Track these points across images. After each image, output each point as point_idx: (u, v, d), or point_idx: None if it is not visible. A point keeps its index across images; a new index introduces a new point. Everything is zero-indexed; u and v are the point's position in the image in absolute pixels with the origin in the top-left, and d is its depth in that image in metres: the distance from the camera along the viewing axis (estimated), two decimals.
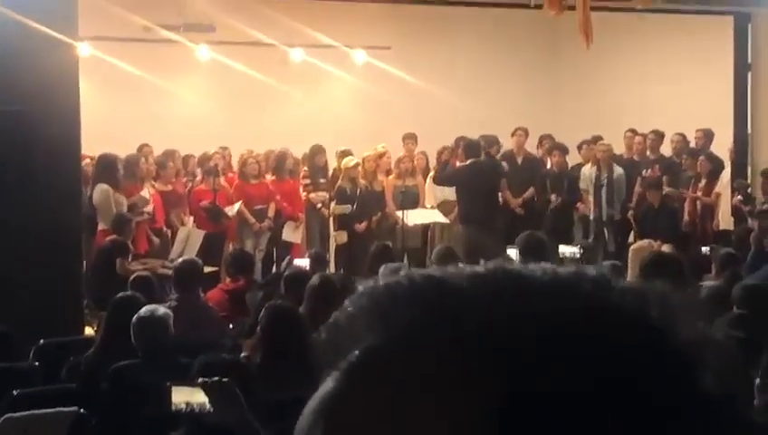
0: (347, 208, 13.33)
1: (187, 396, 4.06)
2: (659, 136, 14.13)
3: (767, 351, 5.47)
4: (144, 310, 6.19)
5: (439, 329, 0.71)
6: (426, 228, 13.60)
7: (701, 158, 13.51)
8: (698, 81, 15.49)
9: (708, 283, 8.88)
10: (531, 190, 13.79)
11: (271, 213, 13.17)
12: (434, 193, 13.72)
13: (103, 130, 13.00)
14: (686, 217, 13.41)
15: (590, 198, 13.61)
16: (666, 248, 12.61)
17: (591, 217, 13.61)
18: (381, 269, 8.42)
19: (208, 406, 4.09)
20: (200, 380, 4.14)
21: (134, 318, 6.11)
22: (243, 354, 6.40)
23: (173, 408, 4.13)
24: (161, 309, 6.26)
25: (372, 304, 0.75)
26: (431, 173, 13.75)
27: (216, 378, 4.12)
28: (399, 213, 13.13)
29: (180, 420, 4.14)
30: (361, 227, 13.31)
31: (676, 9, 13.28)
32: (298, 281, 7.79)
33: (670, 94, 15.77)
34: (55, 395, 6.29)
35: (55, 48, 9.28)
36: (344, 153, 13.89)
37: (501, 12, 14.73)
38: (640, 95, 16.23)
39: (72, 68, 9.62)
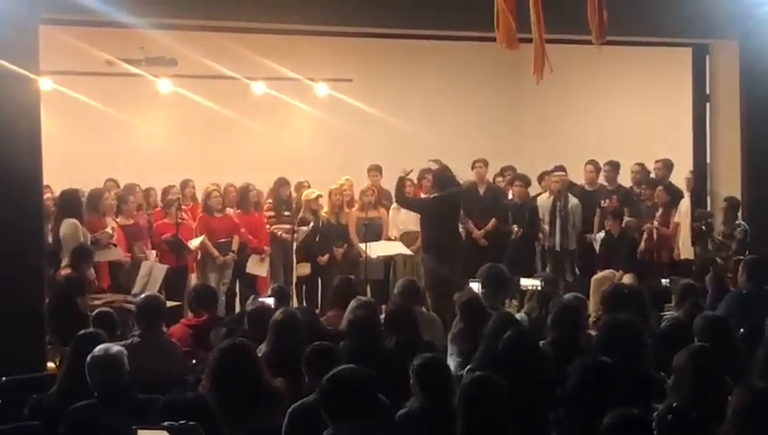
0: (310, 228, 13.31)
1: None
2: (615, 167, 14.23)
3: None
4: (98, 349, 6.12)
5: None
6: (388, 260, 13.61)
7: (659, 188, 13.63)
8: (658, 111, 15.63)
9: (669, 313, 8.94)
10: (493, 221, 13.83)
11: (234, 246, 13.14)
12: (396, 224, 13.74)
13: (66, 164, 12.96)
14: (642, 245, 13.45)
15: (547, 228, 13.70)
16: (627, 278, 12.69)
17: (546, 247, 13.68)
18: (352, 303, 8.46)
19: None
20: (166, 423, 4.13)
21: (88, 357, 6.07)
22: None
23: None
24: (115, 347, 6.18)
25: None
26: (393, 205, 13.76)
27: (183, 421, 4.12)
28: (363, 245, 13.13)
29: None
30: (323, 259, 13.31)
31: (636, 41, 13.38)
32: (261, 316, 7.76)
33: (631, 125, 15.91)
34: (18, 433, 6.25)
35: (17, 82, 9.27)
36: (301, 185, 13.90)
37: (463, 45, 14.78)
38: (601, 126, 16.36)
39: (34, 102, 9.59)
